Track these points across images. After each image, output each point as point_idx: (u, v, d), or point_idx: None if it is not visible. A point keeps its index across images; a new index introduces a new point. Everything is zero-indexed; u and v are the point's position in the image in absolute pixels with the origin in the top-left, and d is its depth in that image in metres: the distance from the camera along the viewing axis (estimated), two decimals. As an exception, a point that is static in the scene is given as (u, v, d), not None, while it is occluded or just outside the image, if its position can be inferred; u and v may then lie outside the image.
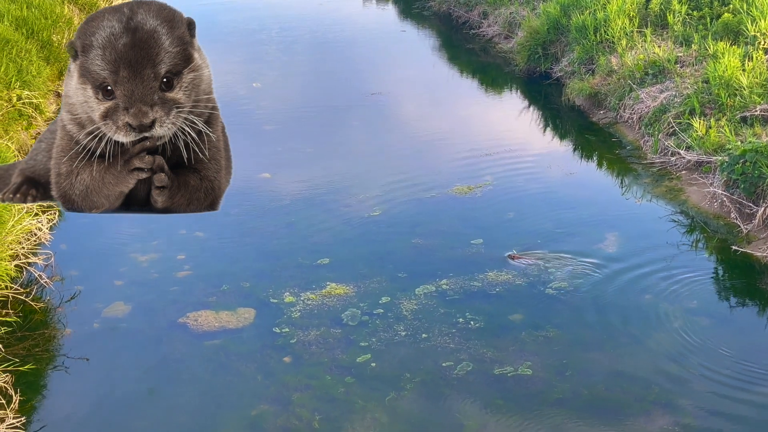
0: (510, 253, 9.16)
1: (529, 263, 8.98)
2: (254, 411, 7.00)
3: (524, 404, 6.98)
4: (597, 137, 12.84)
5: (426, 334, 7.88)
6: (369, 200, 10.70)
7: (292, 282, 8.79)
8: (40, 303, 8.27)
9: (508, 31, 17.52)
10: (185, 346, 7.91)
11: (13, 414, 6.42)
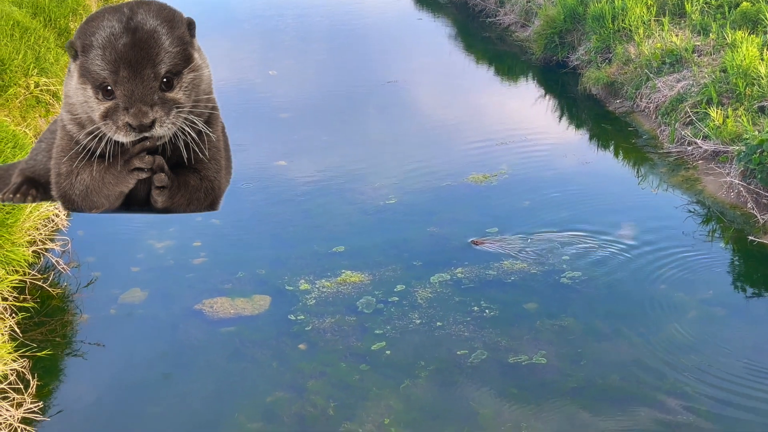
0: (473, 239, 9.18)
1: (493, 248, 9.00)
2: (269, 398, 7.04)
3: (538, 393, 6.98)
4: (613, 126, 12.78)
5: (441, 322, 7.89)
6: (384, 188, 10.70)
7: (307, 269, 8.82)
8: (57, 289, 8.33)
9: (525, 20, 17.44)
10: (201, 333, 7.95)
11: (31, 398, 6.48)
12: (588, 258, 8.91)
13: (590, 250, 9.06)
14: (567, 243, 9.19)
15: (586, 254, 8.99)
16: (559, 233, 9.40)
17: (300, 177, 11.19)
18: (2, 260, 7.64)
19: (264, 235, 9.75)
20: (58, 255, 8.60)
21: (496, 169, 11.12)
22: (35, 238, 8.46)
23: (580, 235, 9.36)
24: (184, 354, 7.72)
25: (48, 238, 8.71)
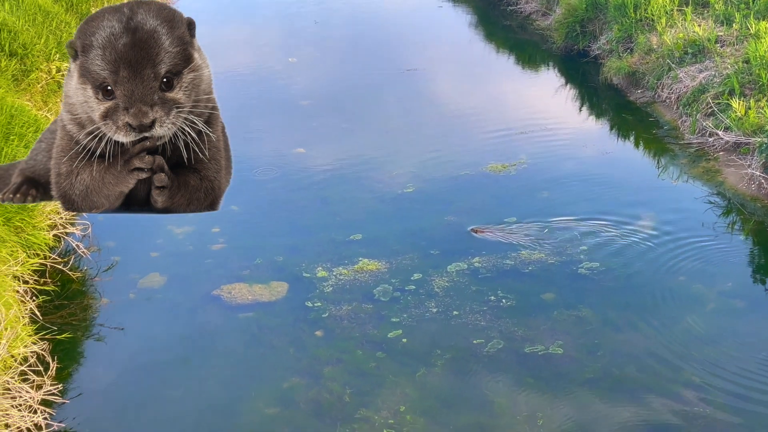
0: (473, 227, 9.18)
1: (493, 236, 8.99)
2: (286, 384, 7.08)
3: (554, 383, 6.98)
4: (634, 117, 12.70)
5: (457, 311, 7.90)
6: (402, 176, 10.71)
7: (324, 257, 8.85)
8: (77, 273, 8.41)
9: (546, 8, 17.34)
10: (219, 318, 8.00)
11: (51, 381, 6.55)
12: (606, 248, 8.88)
13: (609, 240, 9.03)
14: (586, 233, 9.16)
15: (605, 245, 8.96)
16: (578, 223, 9.37)
17: (318, 164, 11.21)
18: (23, 244, 7.71)
19: (282, 222, 9.78)
20: (79, 239, 8.67)
21: (515, 159, 11.09)
22: (56, 222, 8.52)
23: (599, 225, 9.33)
24: (202, 339, 7.77)
25: (68, 222, 8.78)
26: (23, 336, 6.53)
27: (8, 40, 11.28)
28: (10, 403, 6.17)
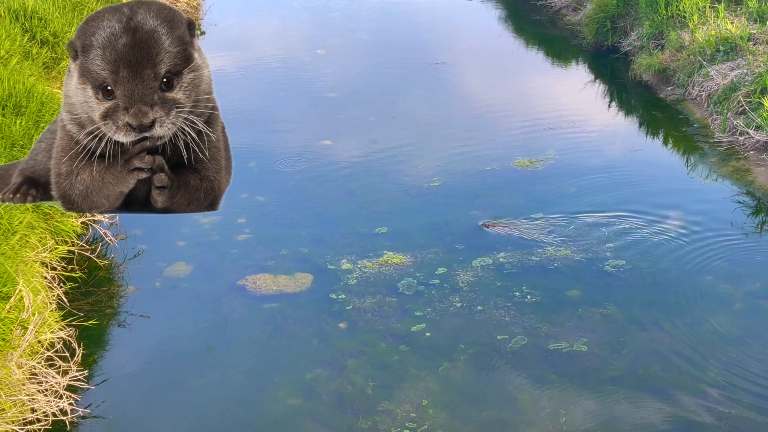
0: (484, 222, 9.16)
1: (504, 231, 8.96)
2: (309, 375, 7.10)
3: (578, 380, 6.95)
4: (663, 114, 12.59)
5: (481, 306, 7.88)
6: (429, 170, 10.69)
7: (349, 249, 8.86)
8: (104, 260, 8.47)
9: (577, 3, 17.22)
10: (243, 308, 8.04)
11: (76, 367, 6.61)
12: (633, 246, 8.82)
13: (636, 238, 8.97)
14: (613, 230, 9.10)
15: (631, 242, 8.89)
16: (605, 220, 9.31)
17: (344, 157, 11.21)
18: (52, 231, 7.79)
19: (307, 213, 9.80)
20: (106, 227, 8.73)
21: (543, 154, 11.03)
22: (84, 209, 8.57)
23: (626, 222, 9.27)
24: (226, 328, 7.81)
25: (96, 210, 8.82)
26: (50, 322, 6.59)
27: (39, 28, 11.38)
28: (37, 388, 6.24)
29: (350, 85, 14.15)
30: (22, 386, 6.10)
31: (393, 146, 11.56)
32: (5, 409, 5.87)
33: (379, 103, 13.31)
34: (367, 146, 11.53)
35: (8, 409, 5.88)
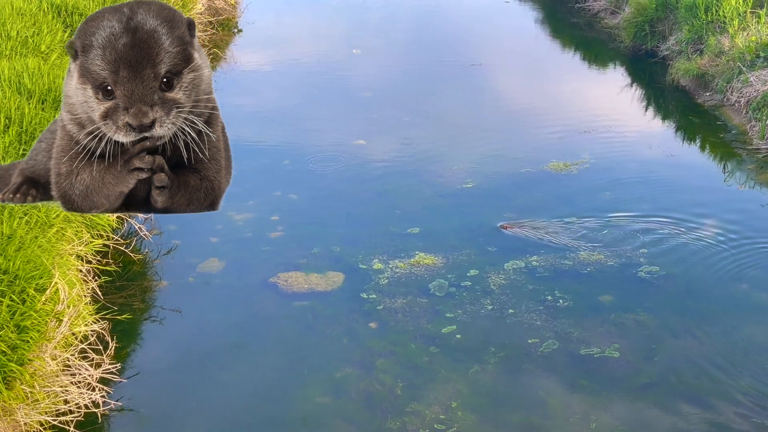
0: (502, 224, 9.14)
1: (521, 233, 8.91)
2: (338, 373, 7.11)
3: (609, 386, 6.89)
4: (701, 119, 12.45)
5: (513, 309, 7.84)
6: (462, 172, 10.66)
7: (381, 249, 8.86)
8: (138, 255, 8.55)
9: (615, 7, 17.08)
10: (274, 305, 8.07)
11: (109, 360, 6.68)
12: (668, 252, 8.73)
13: (671, 244, 8.87)
14: (647, 236, 9.01)
15: (666, 248, 8.80)
16: (639, 225, 9.23)
17: (378, 157, 11.22)
18: (88, 224, 7.87)
19: (340, 212, 9.82)
20: (141, 222, 8.82)
21: (578, 158, 10.95)
22: (120, 204, 8.66)
23: (660, 228, 9.18)
24: (257, 325, 7.85)
25: (132, 204, 8.91)
26: (84, 315, 6.66)
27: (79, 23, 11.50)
28: (70, 380, 6.31)
29: (385, 85, 14.16)
30: (56, 378, 6.18)
31: (427, 147, 11.54)
32: (39, 400, 5.94)
33: (413, 104, 13.30)
34: (401, 146, 11.52)
35: (42, 400, 5.96)
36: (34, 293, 6.09)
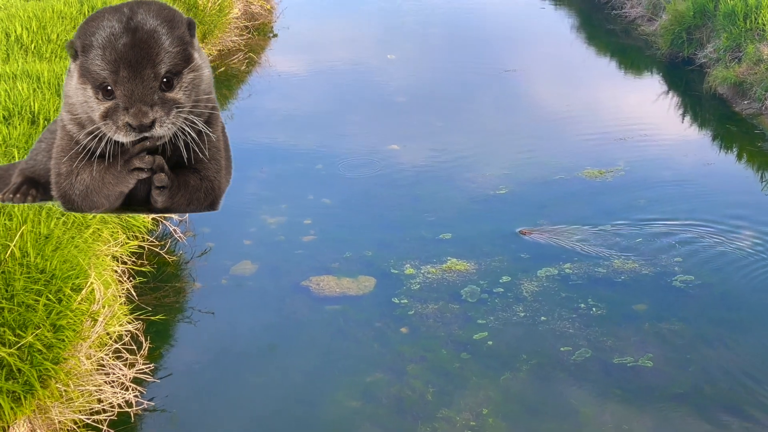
0: (521, 229, 9.13)
1: (541, 238, 8.91)
2: (369, 378, 7.11)
3: (642, 396, 6.83)
4: (739, 128, 12.30)
5: (545, 317, 7.80)
6: (495, 178, 10.62)
7: (413, 254, 8.85)
8: (173, 256, 8.62)
9: (652, 13, 16.95)
10: (306, 309, 8.10)
11: (143, 360, 6.74)
12: (703, 261, 8.63)
13: (706, 253, 8.77)
14: (682, 244, 8.92)
15: (702, 257, 8.71)
16: (674, 234, 9.13)
17: (411, 162, 11.22)
18: (124, 226, 7.95)
19: (373, 217, 9.83)
20: (176, 224, 8.89)
21: (613, 165, 10.87)
22: (155, 206, 8.73)
23: (696, 237, 9.08)
24: (289, 328, 7.87)
25: (167, 206, 8.98)
26: (119, 315, 6.72)
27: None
28: (104, 379, 6.37)
29: (419, 91, 14.16)
30: (90, 377, 6.24)
31: (460, 152, 11.53)
32: (73, 398, 6.01)
33: (447, 109, 13.29)
34: (434, 152, 11.51)
35: (76, 398, 6.02)
36: (70, 293, 6.16)
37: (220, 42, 15.38)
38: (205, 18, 14.34)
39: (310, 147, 11.66)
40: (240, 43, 15.76)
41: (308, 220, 9.65)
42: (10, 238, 6.18)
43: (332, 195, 10.28)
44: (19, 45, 9.91)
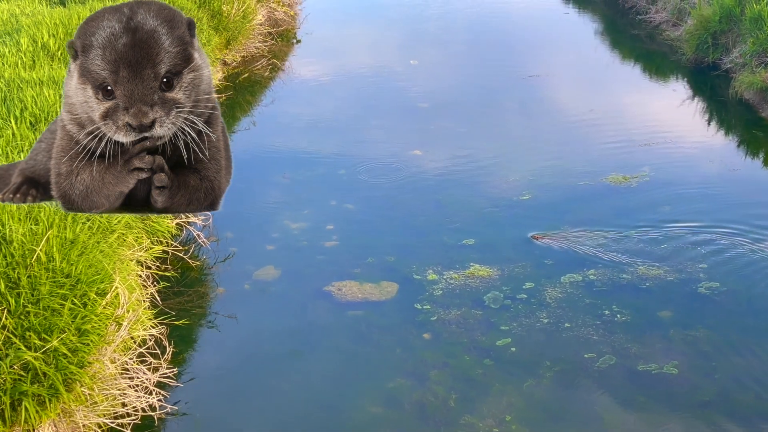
0: (533, 234, 9.15)
1: (553, 243, 8.92)
2: (391, 384, 7.10)
3: (667, 403, 6.77)
4: (765, 134, 12.19)
5: (569, 323, 7.75)
6: (519, 183, 10.59)
7: (435, 260, 8.83)
8: (196, 261, 8.66)
9: (677, 18, 16.84)
10: (329, 314, 8.10)
11: (166, 364, 6.76)
12: (728, 268, 8.55)
13: (732, 260, 8.69)
14: (708, 251, 8.84)
15: (727, 264, 8.62)
16: (700, 241, 9.05)
17: (434, 167, 11.20)
18: (148, 231, 8.00)
19: (395, 222, 9.82)
20: (200, 229, 8.93)
21: (637, 171, 10.80)
22: (179, 211, 8.79)
23: (721, 244, 8.99)
24: (311, 333, 7.88)
25: (191, 211, 9.02)
26: (143, 319, 6.76)
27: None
28: (128, 383, 6.41)
29: (442, 96, 14.15)
30: (115, 381, 6.28)
31: (483, 158, 11.50)
32: (97, 402, 6.05)
33: (470, 115, 13.27)
34: (457, 157, 11.49)
35: (100, 402, 6.06)
36: (95, 297, 6.20)
37: (244, 48, 15.46)
38: (230, 24, 14.42)
39: (332, 152, 11.68)
40: (263, 49, 15.84)
41: (331, 226, 9.66)
42: (36, 242, 6.24)
43: (355, 200, 10.29)
44: (45, 51, 10.01)
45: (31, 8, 11.36)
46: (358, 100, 14.01)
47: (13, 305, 5.78)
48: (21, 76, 8.83)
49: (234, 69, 14.80)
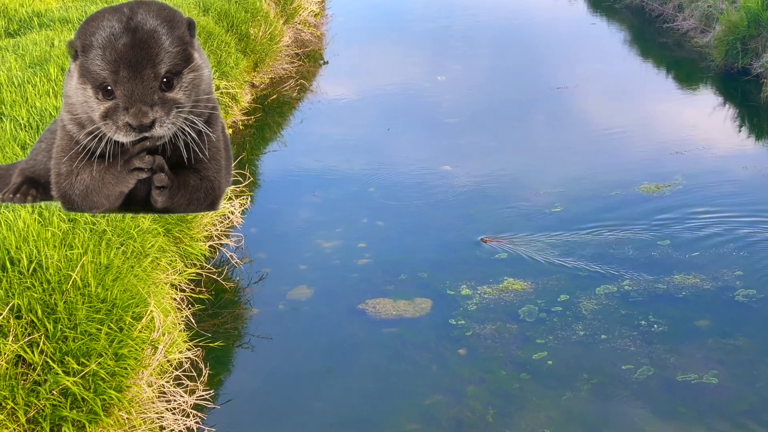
0: (482, 237, 9.23)
1: (502, 246, 9.00)
2: (428, 400, 7.08)
3: (708, 414, 6.67)
4: (799, 137, 12.03)
5: (605, 335, 7.68)
6: (550, 195, 10.53)
7: (468, 275, 8.81)
8: (230, 283, 8.71)
9: (705, 25, 16.71)
10: (363, 332, 8.10)
11: (203, 387, 6.80)
12: (765, 275, 8.43)
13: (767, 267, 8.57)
14: (743, 258, 8.72)
15: (764, 271, 8.51)
16: (735, 248, 8.94)
17: (464, 182, 11.19)
18: (182, 254, 8.06)
19: (427, 238, 9.81)
20: (232, 250, 8.98)
21: (670, 179, 10.70)
22: (212, 233, 8.87)
23: (756, 251, 8.87)
24: (346, 352, 7.88)
25: (223, 234, 9.11)
26: (179, 342, 6.81)
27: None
28: (165, 407, 6.44)
29: (471, 111, 14.14)
30: (152, 404, 6.31)
31: (514, 171, 11.47)
32: (135, 426, 6.08)
33: (499, 128, 13.25)
34: (487, 171, 11.47)
35: (138, 426, 6.10)
36: (131, 321, 6.26)
37: (272, 70, 15.58)
38: (257, 47, 14.55)
39: (362, 170, 11.71)
40: (291, 70, 15.95)
41: (363, 244, 9.67)
42: (72, 268, 6.31)
43: (386, 217, 10.30)
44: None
45: (59, 38, 11.54)
46: (387, 117, 14.04)
47: (51, 330, 5.85)
48: (52, 104, 8.97)
49: (262, 91, 14.91)
